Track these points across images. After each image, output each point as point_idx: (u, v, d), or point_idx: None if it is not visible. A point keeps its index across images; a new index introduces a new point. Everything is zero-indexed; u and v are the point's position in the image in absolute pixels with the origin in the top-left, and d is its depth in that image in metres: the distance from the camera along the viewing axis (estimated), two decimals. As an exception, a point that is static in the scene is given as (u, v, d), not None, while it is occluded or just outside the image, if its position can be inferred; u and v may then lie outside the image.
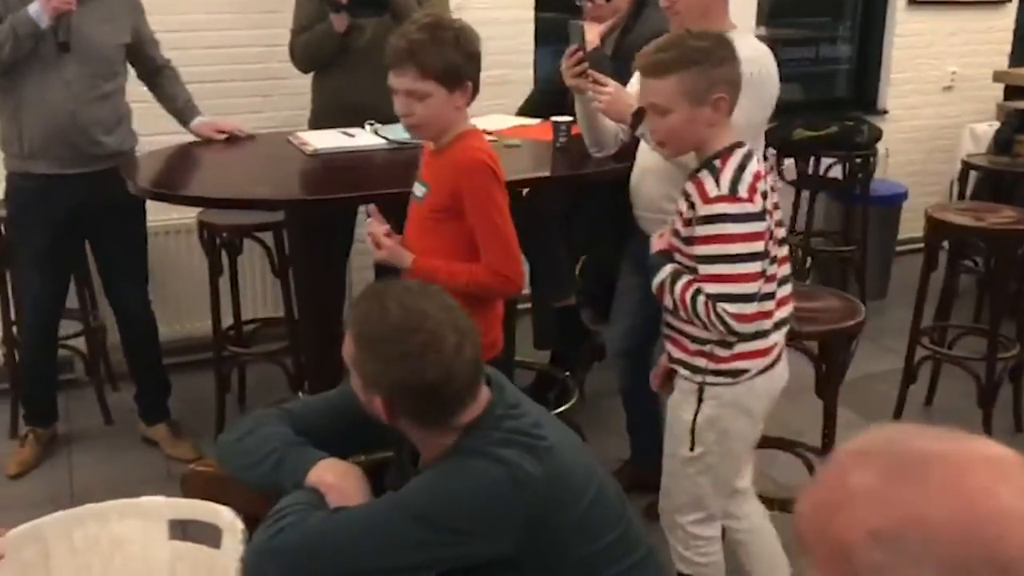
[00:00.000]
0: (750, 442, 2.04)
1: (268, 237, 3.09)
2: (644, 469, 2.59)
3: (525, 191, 2.77)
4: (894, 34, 4.86)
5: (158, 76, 3.01)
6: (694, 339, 1.90)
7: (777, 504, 2.29)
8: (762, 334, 1.88)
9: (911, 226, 4.55)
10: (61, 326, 3.08)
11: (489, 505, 1.34)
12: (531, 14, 3.90)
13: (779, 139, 4.11)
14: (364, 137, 2.88)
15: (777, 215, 1.91)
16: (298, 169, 2.62)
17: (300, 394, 3.15)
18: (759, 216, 1.79)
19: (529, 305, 3.31)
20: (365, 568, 1.35)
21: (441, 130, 1.98)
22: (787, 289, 1.96)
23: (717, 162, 1.81)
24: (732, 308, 1.78)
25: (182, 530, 1.54)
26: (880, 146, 4.34)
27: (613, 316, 2.74)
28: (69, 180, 2.78)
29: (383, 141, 2.84)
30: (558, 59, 2.39)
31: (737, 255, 1.78)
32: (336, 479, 1.45)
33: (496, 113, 3.51)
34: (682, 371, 1.95)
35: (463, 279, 1.94)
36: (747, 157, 1.83)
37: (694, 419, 1.92)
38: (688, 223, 1.84)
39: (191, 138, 3.00)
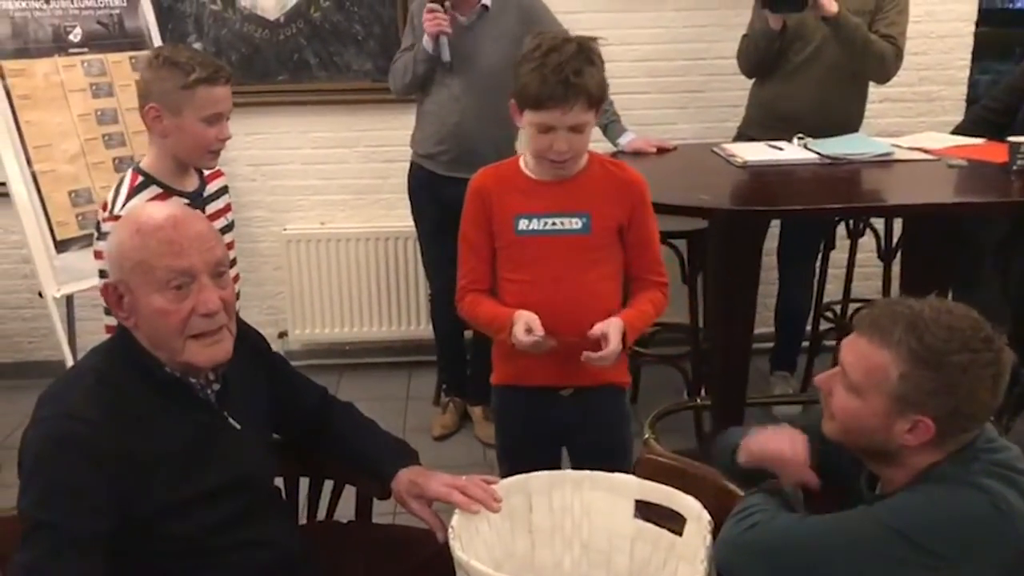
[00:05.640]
0: None
1: (682, 244, 3.17)
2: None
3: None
4: None
5: None
6: None
7: None
8: None
9: None
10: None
11: (972, 532, 1.27)
12: (971, 28, 3.62)
13: None
14: (793, 151, 2.86)
15: None
16: (731, 180, 2.66)
17: (697, 400, 3.21)
18: None
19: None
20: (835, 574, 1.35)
21: (583, 156, 1.87)
22: None
23: None
24: None
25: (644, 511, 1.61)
26: None
27: None
28: (448, 181, 3.04)
29: (813, 155, 2.80)
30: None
31: None
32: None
33: (924, 131, 3.33)
34: None
35: (652, 311, 1.93)
36: None
37: None
38: None
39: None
